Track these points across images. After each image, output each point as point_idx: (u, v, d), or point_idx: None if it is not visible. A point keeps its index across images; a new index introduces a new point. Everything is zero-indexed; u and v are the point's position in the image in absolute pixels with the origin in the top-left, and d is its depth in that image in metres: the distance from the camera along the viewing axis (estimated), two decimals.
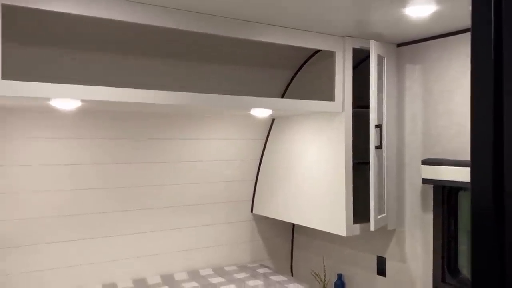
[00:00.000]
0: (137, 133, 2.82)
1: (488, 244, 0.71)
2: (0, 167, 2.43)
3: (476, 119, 0.71)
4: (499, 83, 0.68)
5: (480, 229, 0.73)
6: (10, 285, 2.50)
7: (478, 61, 0.71)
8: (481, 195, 0.72)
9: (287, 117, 3.05)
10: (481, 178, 0.72)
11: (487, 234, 0.71)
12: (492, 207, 0.70)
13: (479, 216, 0.72)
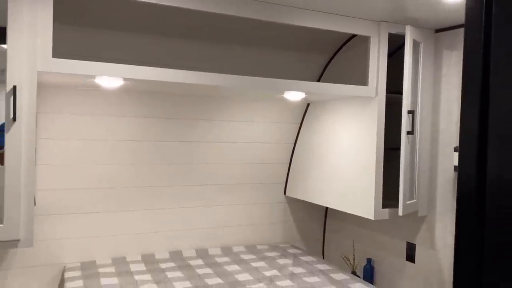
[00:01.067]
0: (177, 113, 2.96)
1: (471, 223, 0.76)
2: (50, 141, 2.64)
3: (464, 114, 0.77)
4: (486, 80, 0.73)
5: (464, 209, 0.78)
6: (55, 250, 2.73)
7: (468, 58, 0.76)
8: (466, 179, 0.77)
9: (322, 101, 3.09)
10: (467, 165, 0.77)
11: (470, 213, 0.76)
12: (475, 190, 0.75)
13: (464, 197, 0.78)
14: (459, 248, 0.78)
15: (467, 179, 0.77)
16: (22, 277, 2.62)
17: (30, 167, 1.72)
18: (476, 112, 0.74)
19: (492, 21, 0.71)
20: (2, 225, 1.66)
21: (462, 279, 0.77)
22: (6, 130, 1.66)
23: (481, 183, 0.74)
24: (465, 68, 0.77)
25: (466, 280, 0.77)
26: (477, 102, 0.75)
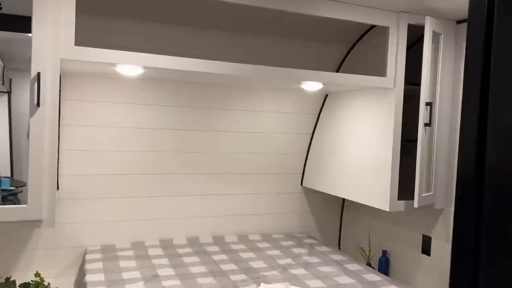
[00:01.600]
0: (196, 102, 3.01)
1: (469, 208, 0.77)
2: (74, 127, 2.73)
3: (465, 106, 0.78)
4: (486, 73, 0.74)
5: (463, 196, 0.79)
6: (78, 233, 2.83)
7: (470, 51, 0.77)
8: (466, 166, 0.78)
9: (340, 92, 3.09)
10: (467, 152, 0.78)
11: (469, 200, 0.78)
12: (474, 176, 0.77)
13: (463, 184, 0.79)
14: (457, 236, 0.80)
15: (466, 166, 0.78)
16: (46, 257, 2.73)
17: (52, 151, 1.79)
18: (477, 104, 0.76)
19: (495, 14, 0.72)
20: (26, 205, 1.75)
21: (459, 266, 0.78)
22: (31, 115, 1.74)
23: (480, 170, 0.75)
24: (467, 61, 0.78)
25: (463, 266, 0.78)
26: (477, 94, 0.76)
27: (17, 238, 2.66)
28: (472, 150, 0.77)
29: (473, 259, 0.76)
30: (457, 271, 0.79)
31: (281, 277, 2.46)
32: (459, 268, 0.78)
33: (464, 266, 0.77)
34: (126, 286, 2.23)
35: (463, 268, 0.77)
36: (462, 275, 0.79)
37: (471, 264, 0.76)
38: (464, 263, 0.78)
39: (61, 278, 2.72)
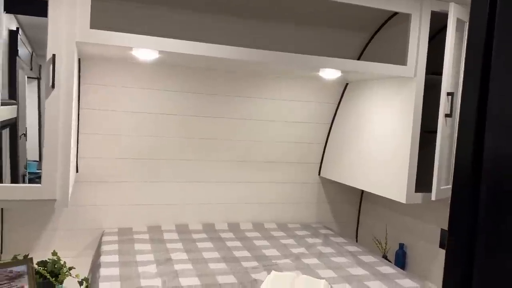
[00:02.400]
0: (214, 89, 3.01)
1: (466, 200, 0.75)
2: (92, 111, 2.77)
3: (464, 95, 0.76)
4: (488, 61, 0.72)
5: (460, 187, 0.77)
6: (96, 215, 2.89)
7: (472, 39, 0.75)
8: (463, 158, 0.76)
9: (360, 81, 3.02)
10: (465, 137, 0.76)
11: (465, 192, 0.76)
12: (471, 168, 0.74)
13: (460, 175, 0.77)
14: (453, 228, 0.77)
15: (464, 155, 0.76)
16: (66, 238, 2.81)
17: (66, 132, 1.82)
18: (476, 96, 0.74)
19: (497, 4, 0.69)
20: (40, 185, 1.79)
21: (454, 258, 0.76)
22: (46, 96, 1.77)
23: (477, 162, 0.73)
24: (468, 50, 0.76)
25: (458, 259, 0.76)
26: (477, 82, 0.74)
27: (38, 218, 2.74)
28: (470, 142, 0.75)
29: (469, 252, 0.74)
30: (451, 263, 0.76)
31: (293, 265, 2.45)
32: (453, 261, 0.75)
33: (458, 259, 0.75)
34: (139, 268, 2.26)
35: (457, 261, 0.75)
36: (456, 268, 0.76)
37: (466, 257, 0.74)
38: (459, 256, 0.76)
39: (80, 259, 2.79)
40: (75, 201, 2.83)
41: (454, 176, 0.78)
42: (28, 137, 2.54)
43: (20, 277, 2.18)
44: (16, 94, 2.45)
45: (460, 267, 0.74)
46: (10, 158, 2.48)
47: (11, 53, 2.46)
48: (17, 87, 2.49)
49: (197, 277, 2.19)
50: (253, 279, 2.20)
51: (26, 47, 2.50)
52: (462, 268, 0.74)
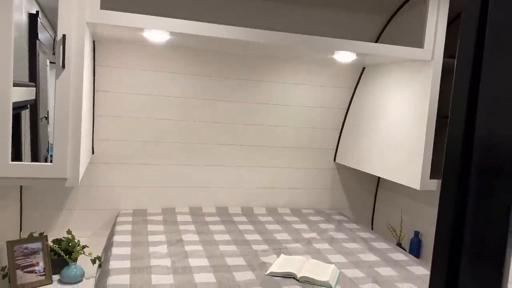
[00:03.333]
0: (229, 73, 2.99)
1: (456, 166, 0.73)
2: (108, 93, 2.81)
3: (457, 76, 0.74)
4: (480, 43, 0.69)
5: (452, 154, 0.75)
6: (112, 196, 2.94)
7: (465, 23, 0.73)
8: (454, 137, 0.74)
9: (377, 65, 2.96)
10: (456, 123, 0.74)
11: (456, 157, 0.74)
12: (462, 145, 0.72)
13: (451, 154, 0.75)
14: (443, 202, 0.75)
15: (455, 137, 0.74)
16: (82, 217, 2.87)
17: (77, 111, 1.85)
18: (468, 73, 0.72)
19: None
20: (51, 163, 1.83)
21: (441, 249, 0.74)
22: (56, 76, 1.80)
23: (469, 140, 0.71)
24: (461, 31, 0.74)
25: (445, 250, 0.74)
26: (470, 62, 0.72)
27: (56, 199, 2.81)
28: (461, 125, 0.73)
29: (457, 241, 0.71)
30: (438, 255, 0.75)
31: (303, 250, 2.44)
32: (440, 252, 0.73)
33: (445, 251, 0.73)
34: (150, 248, 2.29)
35: (444, 252, 0.73)
36: (443, 260, 0.74)
37: (454, 247, 0.72)
38: (446, 247, 0.74)
39: (95, 238, 2.85)
40: (91, 182, 2.89)
41: (444, 163, 0.76)
42: (50, 121, 2.59)
43: (35, 253, 2.25)
44: (36, 77, 2.50)
45: (446, 260, 0.73)
46: (31, 140, 2.54)
47: (31, 37, 2.50)
48: (37, 71, 2.53)
49: (206, 258, 2.21)
50: (262, 262, 2.20)
51: (48, 32, 2.54)
52: (448, 261, 0.72)
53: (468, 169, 0.70)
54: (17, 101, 2.28)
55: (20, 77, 2.41)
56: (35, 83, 2.46)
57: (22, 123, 2.60)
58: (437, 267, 0.74)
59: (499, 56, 0.66)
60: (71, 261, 2.29)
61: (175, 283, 1.89)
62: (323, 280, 1.98)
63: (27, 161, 2.22)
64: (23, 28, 2.51)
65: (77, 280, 2.28)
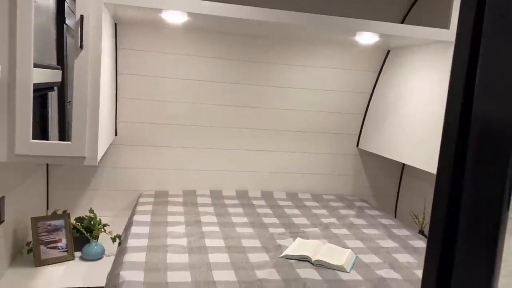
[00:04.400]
0: (251, 55, 2.97)
1: (452, 148, 0.71)
2: (130, 76, 2.84)
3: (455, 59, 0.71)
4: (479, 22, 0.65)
5: (448, 138, 0.73)
6: (134, 177, 3.00)
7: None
8: (451, 119, 0.72)
9: (402, 48, 2.86)
10: (454, 106, 0.72)
11: (452, 142, 0.72)
12: (459, 127, 0.69)
13: (448, 136, 0.73)
14: (439, 185, 0.73)
15: (452, 119, 0.72)
16: (106, 197, 2.95)
17: (95, 91, 1.88)
18: (466, 57, 0.69)
19: None
20: (70, 142, 1.87)
21: (436, 234, 0.73)
22: (75, 56, 1.83)
23: (465, 122, 0.69)
24: (460, 11, 0.72)
25: (440, 235, 0.72)
26: (468, 46, 0.70)
27: (80, 179, 2.89)
28: (458, 106, 0.70)
29: (451, 227, 0.69)
30: (433, 240, 0.73)
31: (320, 234, 2.42)
32: (435, 238, 0.71)
33: (440, 237, 0.71)
34: (168, 228, 2.33)
35: (438, 237, 0.71)
36: (436, 246, 0.72)
37: (449, 232, 0.70)
38: (441, 232, 0.72)
39: (118, 219, 2.91)
40: (114, 164, 2.95)
41: (441, 145, 0.73)
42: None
43: (58, 230, 2.32)
44: (63, 60, 2.55)
45: (442, 247, 0.71)
46: (58, 121, 2.61)
47: (59, 21, 2.55)
48: (65, 54, 2.58)
49: (222, 239, 2.22)
50: (277, 245, 2.20)
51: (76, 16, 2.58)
52: (443, 247, 0.70)
53: (464, 150, 0.68)
54: (42, 82, 2.34)
55: (48, 61, 2.47)
56: (62, 66, 2.51)
57: (49, 105, 2.67)
58: (432, 250, 0.73)
59: (499, 35, 0.63)
60: (92, 239, 2.35)
61: (190, 262, 1.91)
62: (338, 264, 1.96)
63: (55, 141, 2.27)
64: (51, 12, 2.56)
65: (98, 257, 2.34)
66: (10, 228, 2.18)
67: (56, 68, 2.50)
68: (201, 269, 1.85)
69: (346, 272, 1.93)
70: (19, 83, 1.76)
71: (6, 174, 2.09)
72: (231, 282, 1.76)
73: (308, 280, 1.81)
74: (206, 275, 1.80)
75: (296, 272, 1.89)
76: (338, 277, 1.88)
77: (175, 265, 1.87)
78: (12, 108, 1.78)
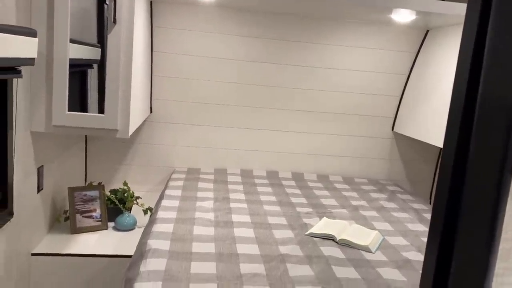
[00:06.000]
0: (285, 35, 2.94)
1: (457, 137, 0.70)
2: (165, 54, 2.89)
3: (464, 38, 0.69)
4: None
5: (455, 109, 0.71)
6: (168, 154, 3.07)
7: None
8: (457, 97, 0.70)
9: (442, 28, 2.75)
10: (460, 86, 0.69)
11: (456, 128, 0.71)
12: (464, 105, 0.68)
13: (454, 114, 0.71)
14: (443, 164, 0.72)
15: (458, 97, 0.70)
16: (140, 172, 3.04)
17: (127, 66, 1.93)
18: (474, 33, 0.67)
19: None
20: (103, 115, 1.94)
21: (442, 197, 0.71)
22: (108, 31, 1.88)
23: (472, 100, 0.67)
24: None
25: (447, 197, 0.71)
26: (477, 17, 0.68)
27: (116, 154, 3.00)
28: (464, 83, 0.69)
29: (455, 198, 0.68)
30: (435, 224, 0.72)
31: (348, 215, 2.40)
32: (439, 207, 0.70)
33: (444, 204, 0.70)
34: (197, 202, 2.38)
35: (441, 210, 0.70)
36: (440, 214, 0.71)
37: (452, 205, 0.68)
38: (443, 213, 0.70)
39: (151, 193, 3.00)
40: (149, 140, 3.03)
41: (449, 116, 0.72)
42: None
43: (93, 200, 2.43)
44: (104, 39, 2.64)
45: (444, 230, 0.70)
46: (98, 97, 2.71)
47: (99, 1, 2.64)
48: (105, 33, 2.67)
49: (249, 216, 2.25)
50: (303, 223, 2.20)
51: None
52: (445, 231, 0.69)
53: (469, 127, 0.67)
54: (81, 58, 2.43)
55: (89, 39, 2.57)
56: (102, 45, 2.60)
57: (88, 81, 2.78)
58: (436, 218, 0.72)
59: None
60: (125, 210, 2.45)
61: (215, 235, 1.95)
62: (363, 244, 1.94)
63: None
64: None
65: (130, 228, 2.43)
66: (49, 197, 2.30)
67: (96, 46, 2.59)
68: (226, 242, 1.89)
69: (371, 253, 1.91)
70: (56, 57, 1.84)
71: (46, 145, 2.20)
72: (254, 255, 1.78)
73: (331, 258, 1.81)
74: (230, 247, 1.83)
75: (319, 249, 1.89)
76: (362, 257, 1.86)
77: (200, 237, 1.91)
78: (50, 81, 1.87)
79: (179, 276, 1.55)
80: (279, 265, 1.70)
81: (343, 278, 1.64)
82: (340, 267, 1.74)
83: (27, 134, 1.92)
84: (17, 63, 1.54)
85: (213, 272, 1.60)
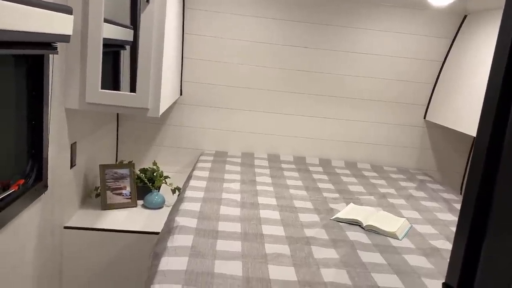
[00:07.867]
0: (319, 19, 2.90)
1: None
2: (196, 36, 2.90)
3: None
4: None
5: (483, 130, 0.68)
6: (197, 136, 3.11)
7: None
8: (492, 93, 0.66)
9: (480, 12, 2.65)
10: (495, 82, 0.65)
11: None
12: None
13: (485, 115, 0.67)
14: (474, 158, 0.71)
15: (495, 84, 0.69)
16: (169, 154, 3.09)
17: (159, 45, 1.95)
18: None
19: None
20: (135, 93, 1.97)
21: (471, 194, 0.70)
22: (141, 10, 1.90)
23: (508, 88, 0.66)
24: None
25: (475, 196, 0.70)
26: None
27: (146, 134, 3.05)
28: (501, 71, 0.67)
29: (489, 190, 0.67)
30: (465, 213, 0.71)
31: (375, 202, 2.37)
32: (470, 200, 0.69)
33: (475, 196, 0.69)
34: (224, 184, 2.40)
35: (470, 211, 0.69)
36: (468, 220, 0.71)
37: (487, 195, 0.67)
38: (472, 204, 0.69)
39: (180, 174, 3.05)
40: (179, 122, 3.07)
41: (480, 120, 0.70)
42: None
43: (123, 178, 2.49)
44: (136, 21, 2.67)
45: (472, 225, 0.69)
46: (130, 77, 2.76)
47: None
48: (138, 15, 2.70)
49: (274, 198, 2.26)
50: (329, 208, 2.19)
51: None
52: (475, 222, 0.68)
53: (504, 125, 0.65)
54: (114, 38, 2.47)
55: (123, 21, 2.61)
56: (135, 26, 2.63)
57: (121, 61, 2.83)
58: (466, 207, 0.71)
59: None
60: (154, 189, 2.49)
61: (241, 215, 1.97)
62: (390, 231, 1.92)
63: None
64: None
65: (158, 206, 2.48)
66: (81, 173, 2.37)
67: (129, 27, 2.63)
68: (251, 222, 1.90)
69: (397, 239, 1.89)
70: (90, 35, 1.88)
71: (80, 122, 2.25)
72: (279, 236, 1.79)
73: (356, 243, 1.79)
74: (255, 228, 1.85)
75: (345, 234, 1.88)
76: (388, 243, 1.84)
77: (227, 217, 1.94)
78: (84, 59, 1.91)
79: (205, 252, 1.58)
80: (304, 247, 1.71)
81: (368, 263, 1.63)
82: (366, 251, 1.73)
83: (62, 110, 1.97)
84: (53, 39, 1.58)
85: (238, 250, 1.62)
